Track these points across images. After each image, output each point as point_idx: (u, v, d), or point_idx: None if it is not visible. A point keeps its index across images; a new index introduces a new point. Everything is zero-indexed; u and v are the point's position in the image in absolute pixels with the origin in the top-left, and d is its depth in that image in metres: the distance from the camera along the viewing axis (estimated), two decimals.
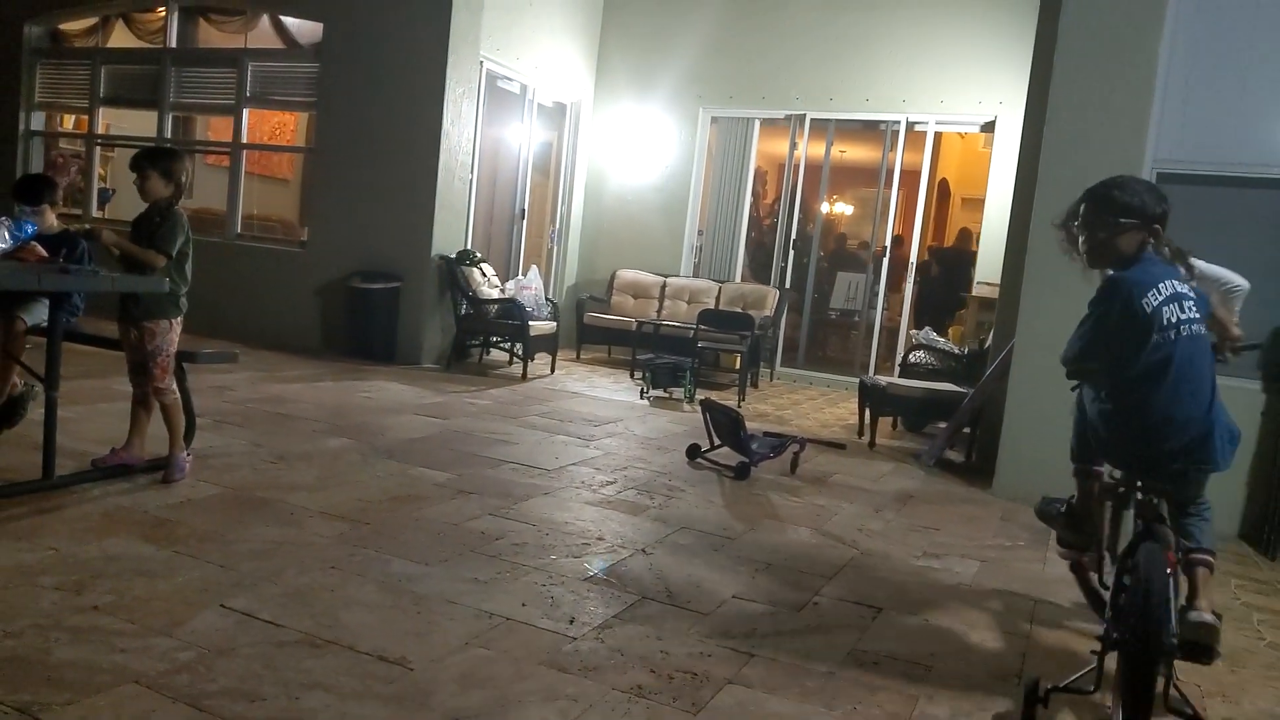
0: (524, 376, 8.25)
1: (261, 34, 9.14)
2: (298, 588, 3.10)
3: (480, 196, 9.14)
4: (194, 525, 3.59)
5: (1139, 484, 2.83)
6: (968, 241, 11.22)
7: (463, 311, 8.45)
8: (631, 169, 10.43)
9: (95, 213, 10.05)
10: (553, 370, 8.77)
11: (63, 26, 10.10)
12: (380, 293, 8.20)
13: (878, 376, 7.77)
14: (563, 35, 9.85)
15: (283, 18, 8.95)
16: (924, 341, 8.03)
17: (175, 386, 4.19)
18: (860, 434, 6.96)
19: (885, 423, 7.25)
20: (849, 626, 3.32)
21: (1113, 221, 2.78)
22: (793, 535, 4.38)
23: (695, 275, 10.38)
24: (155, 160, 4.08)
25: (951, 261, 10.79)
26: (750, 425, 5.70)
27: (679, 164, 10.25)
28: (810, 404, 8.61)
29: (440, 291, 8.43)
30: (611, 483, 4.97)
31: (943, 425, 6.66)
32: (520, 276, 9.28)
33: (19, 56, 10.02)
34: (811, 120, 9.77)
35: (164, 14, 9.48)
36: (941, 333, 8.70)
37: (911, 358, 7.97)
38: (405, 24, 8.21)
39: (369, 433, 5.52)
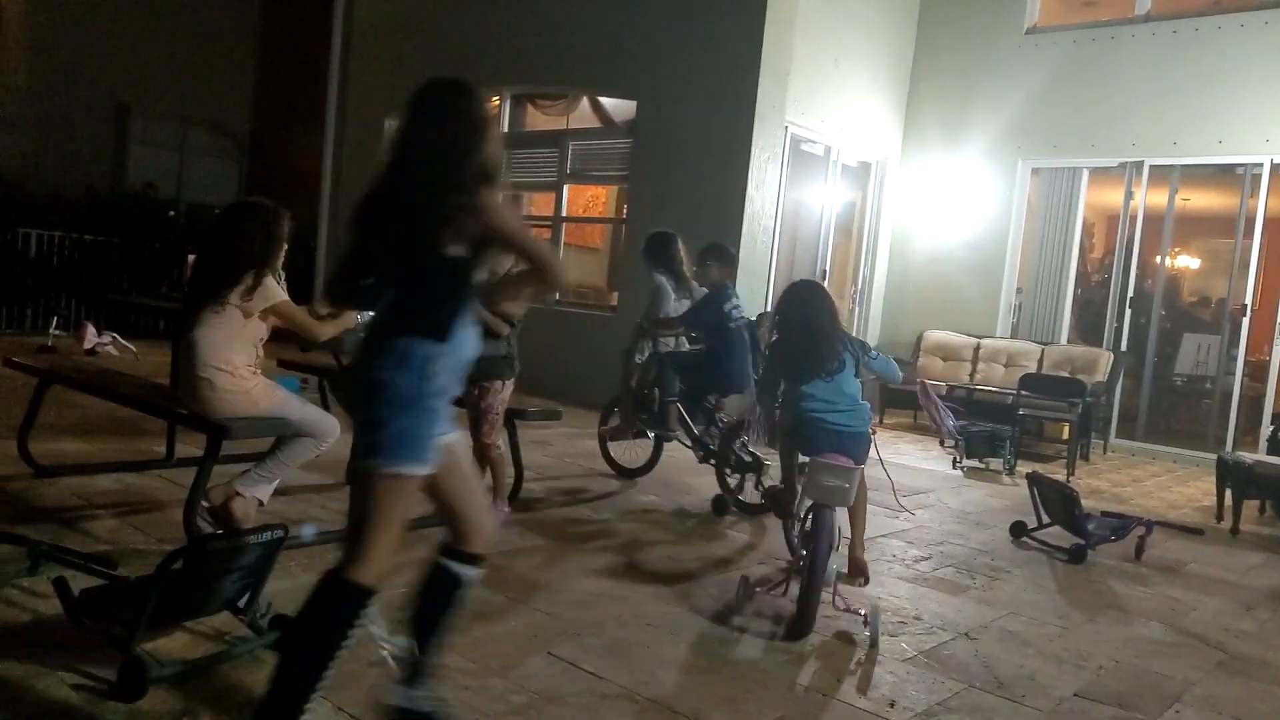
0: None
1: (581, 115, 9.88)
2: (617, 641, 3.15)
3: (780, 259, 9.16)
4: (522, 573, 3.78)
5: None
6: None
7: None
8: (941, 226, 10.00)
9: None
10: None
11: None
12: (685, 355, 8.38)
13: (1240, 453, 6.73)
14: (869, 94, 9.74)
15: (601, 99, 9.61)
16: None
17: (500, 442, 4.46)
18: (1219, 518, 6.03)
19: (1250, 506, 6.24)
20: None
21: (726, 262, 5.41)
22: (1142, 630, 3.84)
23: (1013, 336, 9.66)
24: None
25: None
26: (1085, 503, 5.13)
27: (994, 219, 9.68)
28: (1154, 481, 7.63)
29: None
30: (926, 558, 4.65)
31: None
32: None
33: (379, 147, 11.52)
34: (1151, 167, 8.86)
35: (497, 102, 10.55)
36: None
37: None
38: (714, 96, 8.50)
39: (675, 490, 5.61)
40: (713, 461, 5.33)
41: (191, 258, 4.83)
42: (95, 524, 3.90)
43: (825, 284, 9.83)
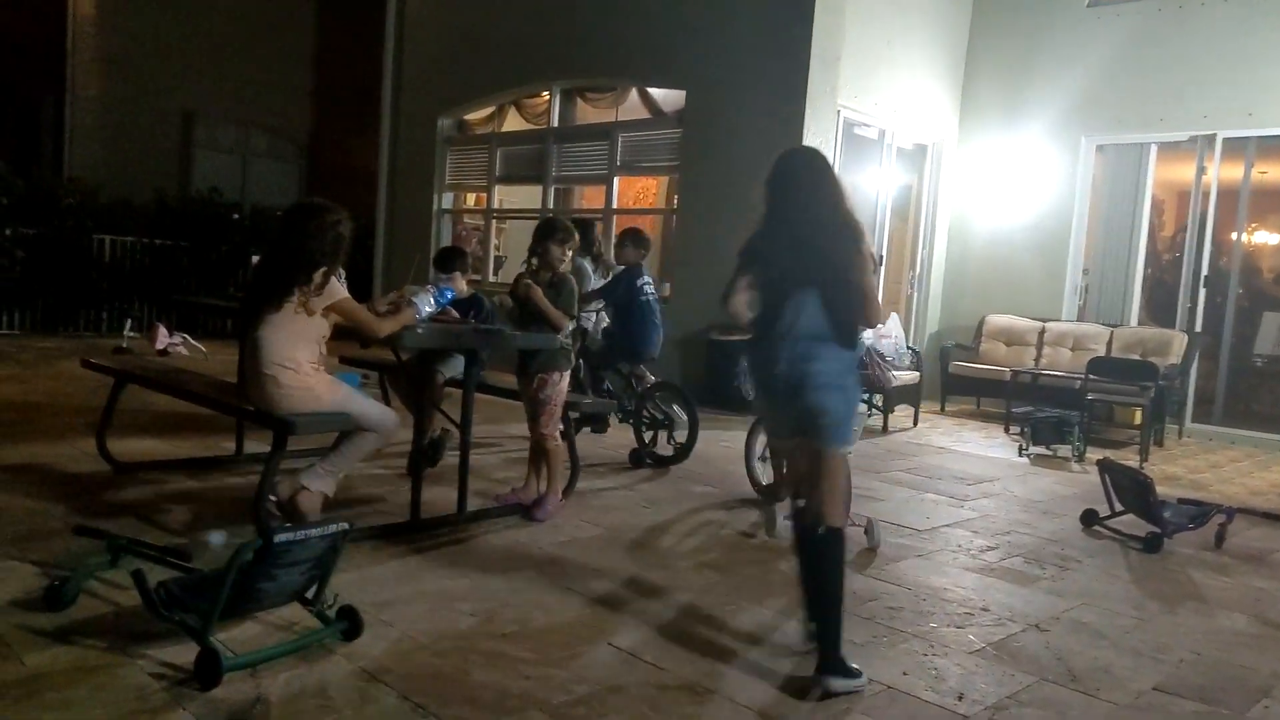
0: (884, 429, 7.94)
1: (630, 107, 9.86)
2: (677, 632, 3.14)
3: None
4: (581, 563, 3.80)
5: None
6: None
7: None
8: (1000, 207, 9.77)
9: (491, 278, 11.36)
10: (915, 423, 8.36)
11: (467, 117, 11.66)
12: (737, 344, 8.34)
13: None
14: (924, 73, 9.55)
15: (650, 89, 9.59)
16: None
17: (558, 434, 4.48)
18: None
19: None
20: None
21: (640, 245, 6.12)
22: (1224, 621, 3.70)
23: (1080, 319, 9.41)
24: (553, 233, 4.45)
25: None
26: (1160, 490, 4.97)
27: (1057, 198, 9.42)
28: (1234, 467, 7.36)
29: None
30: (993, 548, 4.55)
31: None
32: (879, 324, 8.99)
33: (433, 146, 11.72)
34: (1224, 140, 8.53)
35: (547, 98, 10.59)
36: None
37: None
38: (764, 83, 8.41)
39: (732, 481, 5.56)
40: (630, 420, 5.99)
41: (255, 258, 4.94)
42: (170, 518, 4.01)
43: (882, 268, 9.72)
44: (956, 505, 5.40)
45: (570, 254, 4.51)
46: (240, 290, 9.18)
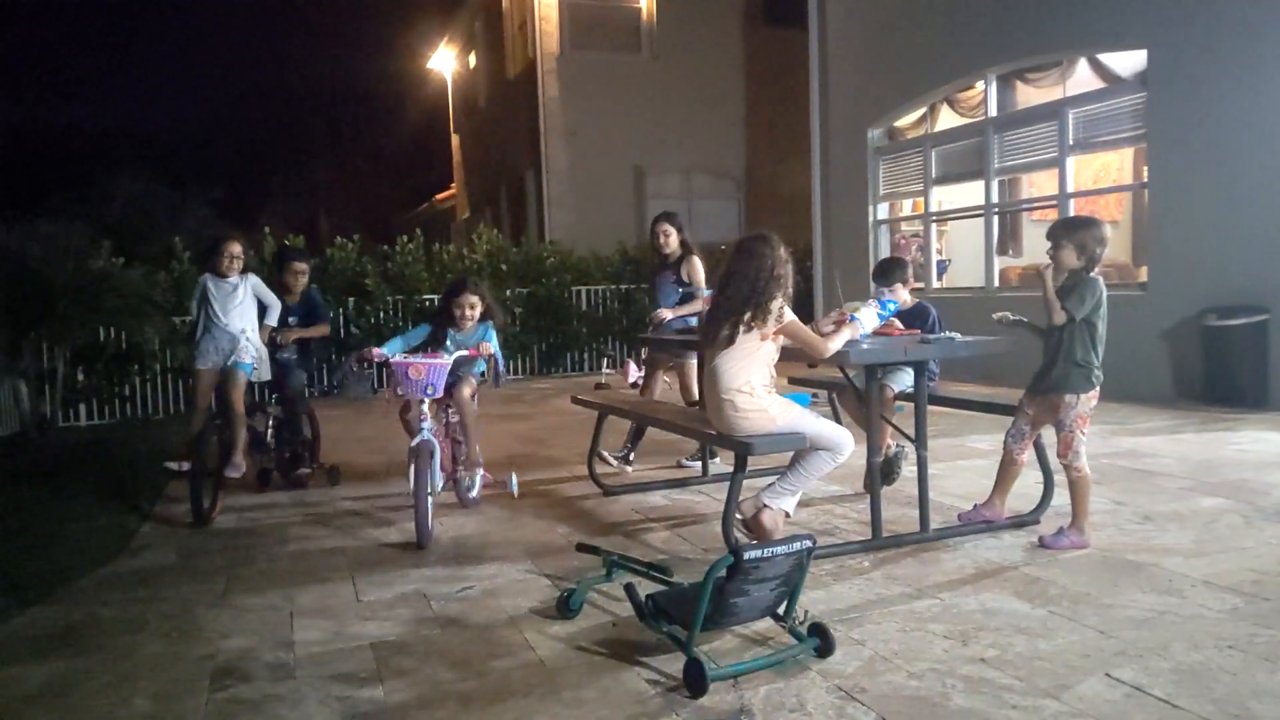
0: None
1: (1079, 79, 8.95)
2: (1190, 665, 2.71)
3: None
4: (1064, 585, 3.45)
5: None
6: None
7: None
8: None
9: (935, 283, 10.96)
10: None
11: (897, 124, 11.43)
12: (1242, 329, 7.11)
13: None
14: None
15: (1101, 56, 8.62)
16: None
17: (1082, 464, 3.92)
18: None
19: None
20: None
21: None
22: None
23: None
24: (1068, 231, 3.99)
25: None
26: None
27: None
28: None
29: None
30: None
31: None
32: None
33: (864, 158, 11.66)
34: None
35: (981, 88, 9.99)
36: None
37: None
38: (1243, 25, 7.12)
39: (1249, 492, 4.71)
40: None
41: (707, 293, 5.27)
42: (651, 535, 4.41)
43: None
44: None
45: (1092, 252, 3.92)
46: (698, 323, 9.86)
